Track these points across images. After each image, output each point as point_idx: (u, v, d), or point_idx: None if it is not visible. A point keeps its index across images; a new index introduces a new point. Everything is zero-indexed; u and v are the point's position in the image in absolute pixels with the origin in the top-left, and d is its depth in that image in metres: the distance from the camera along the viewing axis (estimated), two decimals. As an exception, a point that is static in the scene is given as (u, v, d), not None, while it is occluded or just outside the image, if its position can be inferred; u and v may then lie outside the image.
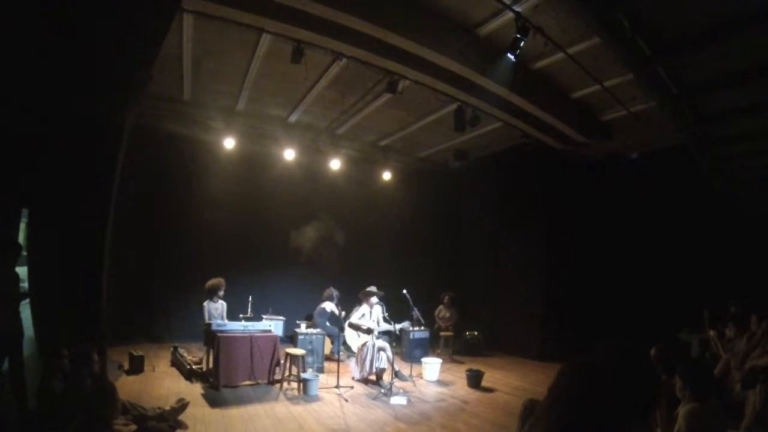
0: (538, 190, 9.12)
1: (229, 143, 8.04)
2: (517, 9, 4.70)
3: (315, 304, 7.98)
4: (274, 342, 6.09)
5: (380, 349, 6.40)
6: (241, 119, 8.47)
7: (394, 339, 7.25)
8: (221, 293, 6.69)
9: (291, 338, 7.27)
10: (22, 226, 5.41)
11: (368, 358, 6.35)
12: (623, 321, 7.58)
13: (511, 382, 6.98)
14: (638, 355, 1.80)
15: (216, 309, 6.64)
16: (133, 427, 3.81)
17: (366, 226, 10.15)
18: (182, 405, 4.46)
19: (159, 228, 8.16)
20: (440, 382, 6.73)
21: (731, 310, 6.07)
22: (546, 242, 9.01)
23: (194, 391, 5.54)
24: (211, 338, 5.86)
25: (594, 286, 8.56)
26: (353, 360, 6.75)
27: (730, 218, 7.45)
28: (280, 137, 8.71)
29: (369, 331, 6.43)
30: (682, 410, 2.75)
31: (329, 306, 7.65)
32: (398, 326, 6.59)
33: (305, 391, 5.73)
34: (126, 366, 6.12)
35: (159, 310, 8.21)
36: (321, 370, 6.88)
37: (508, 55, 5.02)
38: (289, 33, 5.30)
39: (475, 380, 6.55)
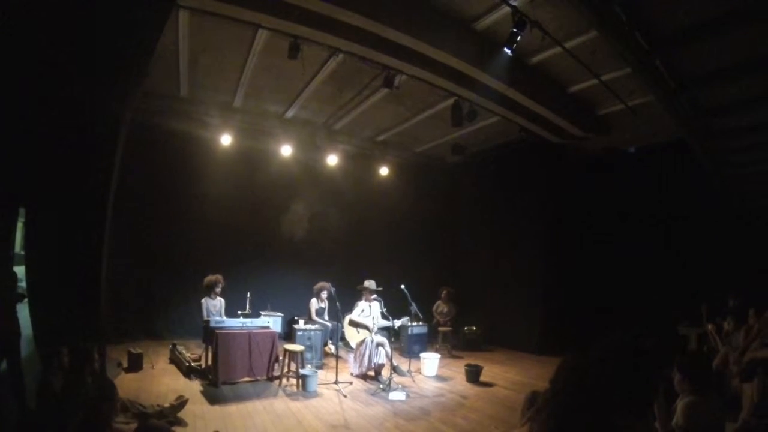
0: (536, 183, 9.11)
1: (226, 139, 8.02)
2: (514, 3, 4.68)
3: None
4: (272, 338, 6.09)
5: (379, 344, 6.41)
6: (238, 115, 8.44)
7: (393, 334, 7.25)
8: (219, 290, 6.69)
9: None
10: (20, 225, 5.38)
11: (367, 353, 6.36)
12: (622, 315, 7.60)
13: (510, 376, 6.99)
14: (637, 350, 1.80)
15: (214, 306, 6.64)
16: (133, 425, 3.81)
17: (364, 221, 10.16)
18: (181, 402, 4.48)
19: (157, 225, 8.12)
20: (439, 378, 6.74)
21: (729, 303, 6.09)
22: (544, 235, 9.00)
23: (193, 388, 5.54)
24: (210, 335, 5.86)
25: (593, 280, 8.57)
26: (352, 356, 6.77)
27: (728, 212, 7.46)
28: (277, 133, 8.69)
29: (368, 329, 6.46)
30: (680, 403, 2.76)
31: (314, 304, 7.80)
32: (397, 322, 6.60)
33: (304, 387, 5.74)
34: (125, 364, 6.11)
35: (157, 308, 8.20)
36: (320, 366, 6.89)
37: (505, 49, 5.00)
38: (286, 29, 5.29)
39: (474, 375, 6.56)
